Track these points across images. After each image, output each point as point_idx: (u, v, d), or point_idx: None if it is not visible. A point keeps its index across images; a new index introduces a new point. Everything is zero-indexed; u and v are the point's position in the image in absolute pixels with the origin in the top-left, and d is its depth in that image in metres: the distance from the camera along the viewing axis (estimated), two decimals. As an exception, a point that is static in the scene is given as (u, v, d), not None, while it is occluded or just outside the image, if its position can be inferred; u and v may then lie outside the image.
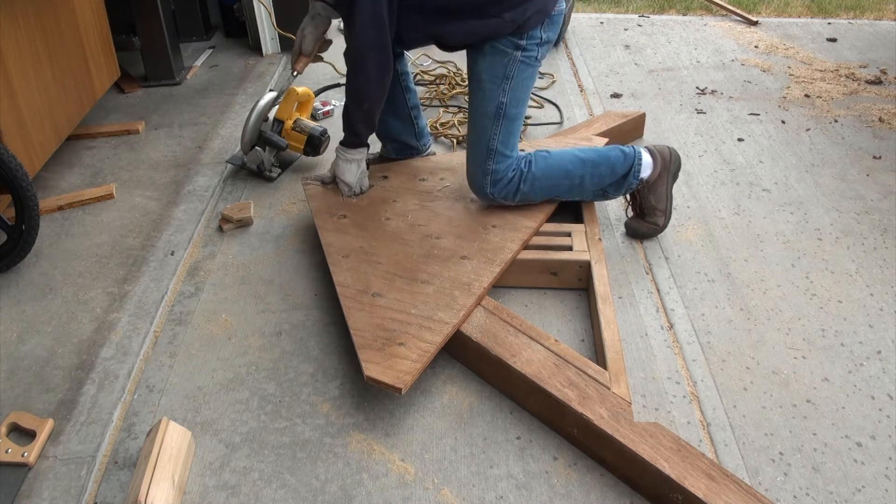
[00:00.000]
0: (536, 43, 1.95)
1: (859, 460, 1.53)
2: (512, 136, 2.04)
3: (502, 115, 1.99)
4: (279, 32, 3.63)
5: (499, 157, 2.02)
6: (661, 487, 1.40)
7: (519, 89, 1.99)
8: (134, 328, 1.91)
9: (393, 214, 2.10)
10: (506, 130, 2.01)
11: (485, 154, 2.02)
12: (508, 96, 1.97)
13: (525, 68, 1.97)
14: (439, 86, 3.22)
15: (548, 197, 2.12)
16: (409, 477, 1.50)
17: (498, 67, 1.96)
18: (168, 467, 1.42)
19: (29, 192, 2.03)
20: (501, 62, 1.95)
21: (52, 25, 2.44)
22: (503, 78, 1.96)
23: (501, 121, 1.99)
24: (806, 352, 1.81)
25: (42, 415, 1.64)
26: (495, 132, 2.00)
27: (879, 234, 2.26)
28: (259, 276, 2.10)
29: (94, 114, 3.00)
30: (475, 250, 1.94)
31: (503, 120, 1.99)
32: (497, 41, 1.93)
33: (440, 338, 1.65)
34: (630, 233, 2.24)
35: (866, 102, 3.14)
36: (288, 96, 2.57)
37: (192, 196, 2.49)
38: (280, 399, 1.69)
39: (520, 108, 2.03)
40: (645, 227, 2.20)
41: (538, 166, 2.07)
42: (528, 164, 2.06)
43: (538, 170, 2.06)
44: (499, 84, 1.96)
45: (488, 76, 1.97)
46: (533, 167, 2.06)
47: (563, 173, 2.08)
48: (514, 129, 2.04)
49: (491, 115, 1.99)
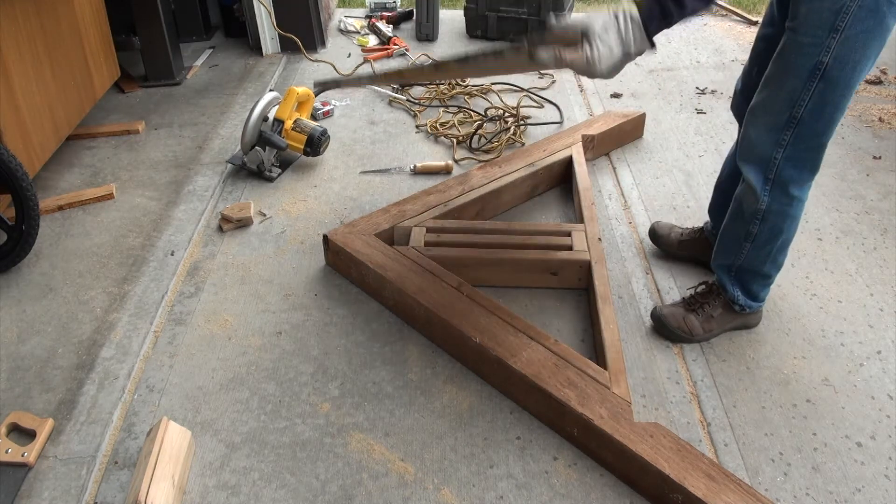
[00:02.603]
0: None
1: (859, 460, 1.53)
2: (829, 111, 1.49)
3: (818, 77, 1.45)
4: (279, 32, 3.63)
5: (803, 132, 1.52)
6: (661, 487, 1.40)
7: (853, 46, 1.41)
8: (134, 328, 1.91)
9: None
10: (821, 98, 1.48)
11: (784, 121, 1.53)
12: (833, 54, 1.42)
13: (867, 16, 1.38)
14: (439, 86, 3.22)
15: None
16: (409, 477, 1.50)
17: (823, 14, 1.40)
18: (168, 467, 1.42)
19: (29, 192, 2.03)
20: (829, 6, 1.39)
21: (52, 25, 2.44)
22: (830, 29, 1.41)
23: (816, 84, 1.46)
24: (806, 352, 1.81)
25: (42, 415, 1.64)
26: (805, 97, 1.49)
27: (879, 234, 2.26)
28: (259, 276, 2.10)
29: (94, 114, 3.00)
30: None
31: (819, 83, 1.46)
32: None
33: None
34: (657, 320, 1.85)
35: (866, 102, 3.14)
36: (288, 96, 2.57)
37: (192, 196, 2.49)
38: (280, 399, 1.69)
39: (850, 73, 1.44)
40: (678, 324, 1.81)
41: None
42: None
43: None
44: (823, 37, 1.42)
45: (805, 24, 1.43)
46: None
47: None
48: (837, 103, 1.49)
49: (804, 72, 1.46)
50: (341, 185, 2.54)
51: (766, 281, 1.78)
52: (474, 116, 2.96)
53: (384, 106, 3.12)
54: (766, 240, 1.69)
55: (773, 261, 1.74)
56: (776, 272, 1.78)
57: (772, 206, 1.63)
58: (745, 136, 1.63)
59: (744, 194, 1.68)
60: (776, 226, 1.66)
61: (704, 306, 1.82)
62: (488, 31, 3.79)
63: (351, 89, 3.23)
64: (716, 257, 1.83)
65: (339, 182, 2.56)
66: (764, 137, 1.57)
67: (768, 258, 1.73)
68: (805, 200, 1.65)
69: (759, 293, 1.80)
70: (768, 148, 1.56)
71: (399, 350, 1.82)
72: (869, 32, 1.41)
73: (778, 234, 1.68)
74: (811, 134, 1.53)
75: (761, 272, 1.76)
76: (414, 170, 2.60)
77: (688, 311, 1.83)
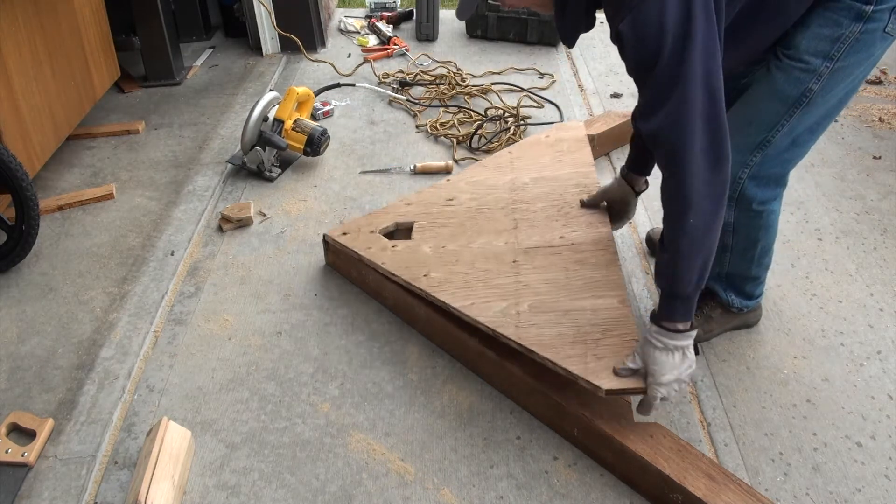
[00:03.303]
0: (890, 7, 1.34)
1: (859, 460, 1.53)
2: (802, 141, 1.51)
3: (804, 104, 1.44)
4: (279, 32, 3.63)
5: (770, 154, 1.50)
6: (661, 487, 1.40)
7: (843, 74, 1.41)
8: (134, 328, 1.91)
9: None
10: (798, 124, 1.47)
11: (756, 143, 1.50)
12: (822, 82, 1.41)
13: (862, 47, 1.38)
14: (439, 86, 3.22)
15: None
16: (409, 477, 1.50)
17: (821, 42, 1.38)
18: (168, 467, 1.42)
19: (29, 192, 2.03)
20: (828, 34, 1.37)
21: (52, 25, 2.44)
22: (824, 57, 1.39)
23: (799, 111, 1.45)
24: (806, 352, 1.81)
25: (42, 415, 1.64)
26: (783, 124, 1.47)
27: (879, 234, 2.26)
28: (259, 276, 2.10)
29: (94, 114, 3.00)
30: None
31: (802, 110, 1.45)
32: (829, 4, 1.36)
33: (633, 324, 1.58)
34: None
35: (866, 102, 3.14)
36: (288, 96, 2.57)
37: (192, 196, 2.49)
38: (280, 399, 1.69)
39: (833, 101, 1.46)
40: None
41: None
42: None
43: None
44: (817, 65, 1.40)
45: (800, 52, 1.41)
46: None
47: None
48: (810, 132, 1.50)
49: (788, 99, 1.45)
50: (341, 185, 2.54)
51: (756, 281, 1.78)
52: (474, 116, 2.95)
53: (384, 106, 3.12)
54: (743, 248, 1.68)
55: (759, 264, 1.73)
56: (765, 273, 1.78)
57: (739, 220, 1.63)
58: None
59: None
60: (749, 236, 1.66)
61: (703, 308, 1.81)
62: (488, 31, 3.79)
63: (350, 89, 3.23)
64: None
65: (339, 182, 2.56)
66: (732, 158, 1.55)
67: (752, 263, 1.72)
68: (777, 211, 1.65)
69: (753, 292, 1.80)
70: (735, 168, 1.51)
71: (399, 350, 1.82)
72: (860, 64, 1.41)
73: (755, 243, 1.67)
74: (778, 156, 1.53)
75: (749, 276, 1.75)
76: (414, 170, 2.60)
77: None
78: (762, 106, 1.48)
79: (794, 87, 1.43)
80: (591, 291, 1.70)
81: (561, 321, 1.61)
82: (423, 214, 2.08)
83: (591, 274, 1.75)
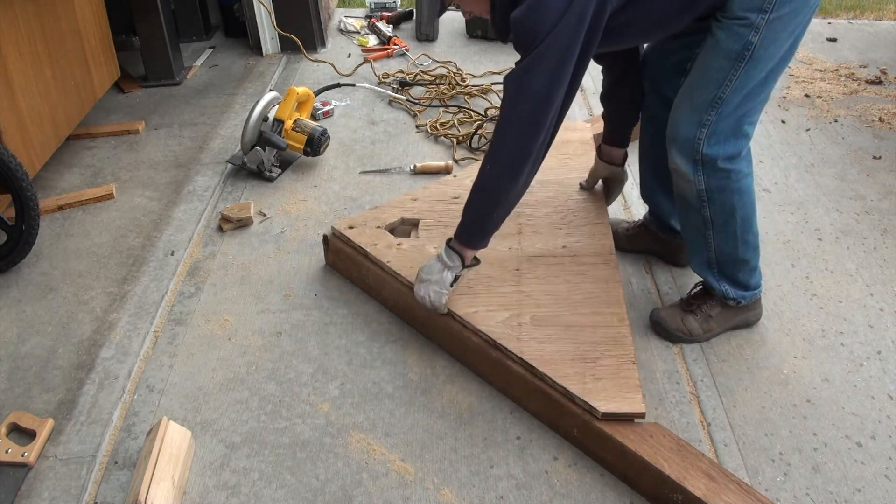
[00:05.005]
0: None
1: (859, 460, 1.53)
2: (754, 94, 1.53)
3: (748, 58, 1.47)
4: (279, 32, 3.63)
5: (724, 111, 1.53)
6: (661, 487, 1.40)
7: (780, 25, 1.45)
8: (134, 328, 1.91)
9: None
10: (747, 78, 1.50)
11: (708, 101, 1.53)
12: (762, 34, 1.45)
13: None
14: (439, 86, 3.22)
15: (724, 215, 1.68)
16: (409, 477, 1.50)
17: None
18: (168, 467, 1.42)
19: (29, 192, 2.03)
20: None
21: (52, 26, 2.44)
22: (759, 10, 1.43)
23: (744, 65, 1.48)
24: (806, 352, 1.81)
25: (42, 415, 1.64)
26: (731, 78, 1.50)
27: (879, 234, 2.26)
28: (259, 276, 2.10)
29: (94, 114, 3.00)
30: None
31: (747, 64, 1.48)
32: None
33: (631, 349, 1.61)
34: (656, 322, 1.86)
35: (866, 102, 3.14)
36: (288, 96, 2.57)
37: (192, 196, 2.49)
38: (280, 399, 1.69)
39: (776, 51, 1.48)
40: (676, 326, 1.82)
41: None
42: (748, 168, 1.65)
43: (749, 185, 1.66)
44: (752, 18, 1.44)
45: (735, 8, 1.46)
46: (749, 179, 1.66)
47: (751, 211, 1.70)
48: (761, 84, 1.53)
49: (732, 54, 1.48)
50: (341, 185, 2.54)
51: (747, 266, 1.77)
52: (474, 116, 2.95)
53: (384, 106, 3.12)
54: (723, 220, 1.68)
55: (744, 242, 1.72)
56: (754, 256, 1.76)
57: (710, 184, 1.63)
58: (671, 119, 1.64)
59: (680, 183, 1.68)
60: (725, 202, 1.65)
61: (702, 307, 1.82)
62: (488, 31, 3.79)
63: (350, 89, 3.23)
64: (690, 259, 1.83)
65: (339, 182, 2.56)
66: (688, 118, 1.59)
67: (737, 240, 1.71)
68: (747, 173, 1.65)
69: (748, 281, 1.79)
70: (693, 129, 1.57)
71: (399, 350, 1.82)
72: (797, 13, 1.46)
73: (732, 212, 1.66)
74: (732, 112, 1.55)
75: (738, 258, 1.74)
76: (414, 170, 2.60)
77: (686, 312, 1.83)
78: (710, 64, 1.53)
79: (735, 42, 1.47)
80: (591, 307, 1.72)
81: (561, 337, 1.64)
82: (429, 212, 2.08)
83: (591, 288, 1.78)
